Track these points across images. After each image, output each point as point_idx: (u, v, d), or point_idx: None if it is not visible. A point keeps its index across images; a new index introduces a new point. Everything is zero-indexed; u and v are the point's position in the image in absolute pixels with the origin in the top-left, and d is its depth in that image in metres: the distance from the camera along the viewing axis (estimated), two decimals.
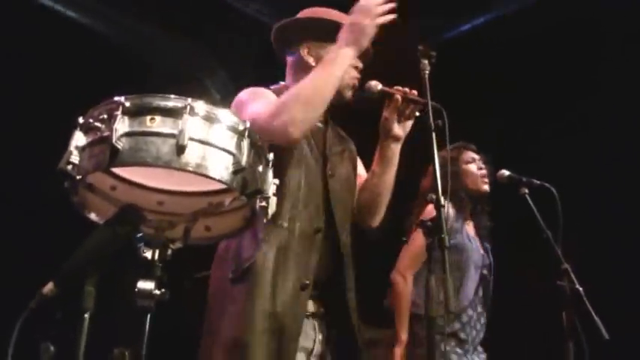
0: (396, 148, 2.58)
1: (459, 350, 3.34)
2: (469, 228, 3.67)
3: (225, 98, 6.25)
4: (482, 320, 3.50)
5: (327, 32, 2.56)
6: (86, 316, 1.54)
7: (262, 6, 5.54)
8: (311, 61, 2.58)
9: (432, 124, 2.16)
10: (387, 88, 2.51)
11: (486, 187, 3.63)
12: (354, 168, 2.67)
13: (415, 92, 2.46)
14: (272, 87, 2.59)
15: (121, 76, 5.25)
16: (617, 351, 2.93)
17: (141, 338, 1.58)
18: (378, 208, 2.63)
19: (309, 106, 2.25)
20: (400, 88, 2.49)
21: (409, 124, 2.56)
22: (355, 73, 2.58)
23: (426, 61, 2.29)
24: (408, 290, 3.45)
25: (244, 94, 2.49)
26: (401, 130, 2.56)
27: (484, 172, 3.64)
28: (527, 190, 3.30)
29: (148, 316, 1.60)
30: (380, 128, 2.58)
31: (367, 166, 2.72)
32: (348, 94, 2.58)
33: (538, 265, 3.18)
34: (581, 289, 2.90)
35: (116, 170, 1.76)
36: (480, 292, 3.55)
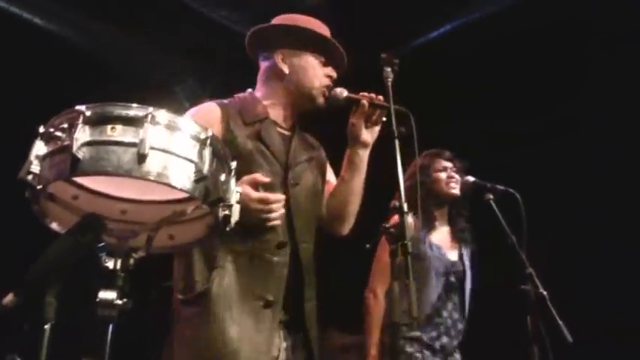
0: (364, 154, 2.58)
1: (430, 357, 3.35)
2: (438, 235, 3.69)
3: (193, 106, 6.24)
4: (459, 326, 3.52)
5: (303, 40, 2.59)
6: (47, 327, 1.53)
7: (231, 13, 5.54)
8: (285, 68, 2.59)
9: (396, 132, 2.18)
10: (352, 95, 2.53)
11: (455, 191, 3.66)
12: (322, 175, 2.67)
13: (381, 98, 2.47)
14: (226, 101, 2.57)
15: (88, 83, 5.22)
16: (580, 354, 2.96)
17: (103, 348, 1.57)
18: (347, 215, 2.63)
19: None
20: (366, 94, 2.50)
21: (377, 129, 2.57)
22: (327, 81, 2.59)
23: (389, 69, 2.31)
24: (378, 306, 3.47)
25: (191, 114, 2.48)
26: (368, 135, 2.57)
27: (455, 178, 3.67)
28: (491, 196, 3.34)
29: (110, 326, 1.58)
30: (348, 134, 2.59)
31: (338, 174, 2.73)
32: (320, 100, 2.59)
33: (503, 270, 3.21)
34: (545, 293, 2.93)
35: (78, 179, 1.75)
36: (455, 299, 3.57)
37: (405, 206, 2.06)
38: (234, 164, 1.76)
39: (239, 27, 5.56)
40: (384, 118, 2.49)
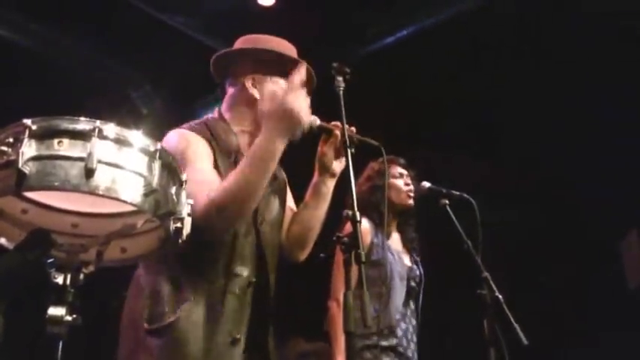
0: (331, 184, 2.52)
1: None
2: (392, 241, 3.71)
3: (151, 112, 6.21)
4: (416, 332, 3.55)
5: (273, 64, 2.52)
6: None
7: (187, 19, 5.52)
8: (256, 93, 2.49)
9: (348, 141, 2.18)
10: (325, 124, 2.45)
11: (411, 202, 3.69)
12: (283, 201, 2.60)
13: (353, 129, 2.40)
14: (197, 126, 2.46)
15: (41, 91, 5.16)
16: (535, 356, 3.00)
17: None
18: (308, 241, 2.57)
19: (246, 205, 2.19)
20: (338, 124, 2.40)
21: (344, 160, 2.44)
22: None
23: (341, 78, 2.31)
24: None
25: (174, 145, 2.32)
26: (338, 166, 2.50)
27: (410, 187, 3.70)
28: (447, 202, 3.37)
29: (60, 343, 1.57)
30: (317, 164, 2.51)
31: (297, 197, 2.68)
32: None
33: (459, 275, 3.25)
34: (500, 296, 2.97)
35: (27, 193, 1.73)
36: (412, 305, 3.59)
37: (358, 214, 2.06)
38: (184, 177, 1.75)
39: (195, 33, 5.55)
40: (353, 150, 2.34)
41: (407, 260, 3.69)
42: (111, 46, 5.74)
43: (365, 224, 3.55)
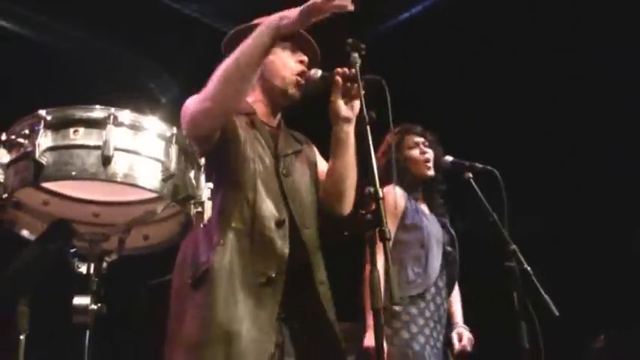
0: (348, 130, 2.52)
1: (421, 338, 3.30)
2: (424, 206, 3.66)
3: (171, 101, 6.21)
4: (445, 295, 3.48)
5: (280, 39, 2.55)
6: (22, 337, 1.50)
7: (201, 6, 5.49)
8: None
9: (367, 117, 2.15)
10: (326, 73, 2.48)
11: (430, 173, 3.62)
12: (312, 167, 2.63)
13: (353, 71, 2.38)
14: None
15: (61, 86, 5.18)
16: (568, 328, 2.97)
17: (81, 355, 1.55)
18: (345, 192, 2.56)
19: (236, 82, 2.25)
20: (340, 70, 2.45)
21: (357, 103, 2.49)
22: (299, 67, 2.56)
23: (356, 54, 2.28)
24: None
25: (189, 100, 2.40)
26: (349, 111, 2.51)
27: (427, 156, 3.61)
28: (471, 175, 3.31)
29: (87, 332, 1.56)
30: (329, 113, 2.56)
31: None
32: (293, 91, 2.55)
33: (487, 248, 3.20)
34: (529, 268, 2.93)
35: (47, 185, 1.72)
36: (445, 270, 3.55)
37: (380, 191, 2.02)
38: (202, 160, 1.74)
39: (210, 19, 5.53)
40: (362, 91, 2.44)
41: (438, 226, 3.63)
42: (126, 36, 5.73)
43: (398, 191, 3.50)
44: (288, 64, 2.57)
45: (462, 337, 3.54)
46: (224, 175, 1.74)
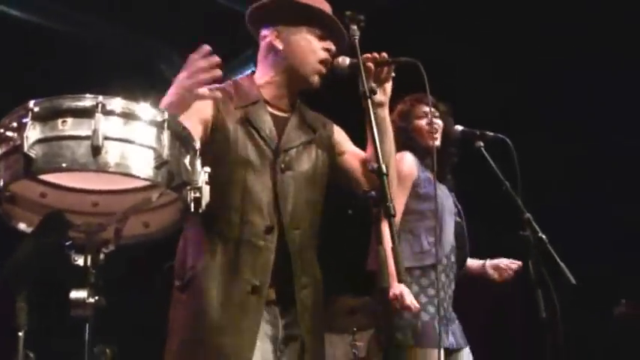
0: (383, 114, 2.49)
1: (430, 308, 3.27)
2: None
3: None
4: (455, 270, 3.45)
5: (299, 15, 2.52)
6: (20, 334, 1.49)
7: None
8: (279, 44, 2.53)
9: (367, 91, 2.11)
10: (354, 60, 2.40)
11: (434, 143, 3.57)
12: (327, 155, 2.59)
13: (385, 54, 2.40)
14: (221, 85, 2.47)
15: (73, 70, 5.17)
16: (585, 296, 2.93)
17: (82, 349, 1.53)
18: (392, 174, 2.51)
19: None
20: (369, 55, 2.39)
21: (388, 86, 2.48)
22: (324, 54, 2.51)
23: (355, 27, 2.24)
24: None
25: None
26: (382, 95, 2.47)
27: (433, 126, 3.56)
28: (482, 143, 3.27)
29: (87, 325, 1.54)
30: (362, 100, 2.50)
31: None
32: (314, 79, 2.51)
33: (500, 217, 3.16)
34: (544, 236, 2.89)
35: (43, 176, 1.70)
36: (459, 242, 3.51)
37: (384, 167, 1.99)
38: (197, 144, 1.70)
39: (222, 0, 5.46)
40: (393, 74, 2.43)
41: (449, 197, 3.59)
42: (137, 19, 5.69)
43: (409, 158, 3.47)
44: (315, 49, 2.52)
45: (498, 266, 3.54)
46: (212, 177, 1.71)
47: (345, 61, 2.45)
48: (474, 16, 4.90)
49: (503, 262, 3.55)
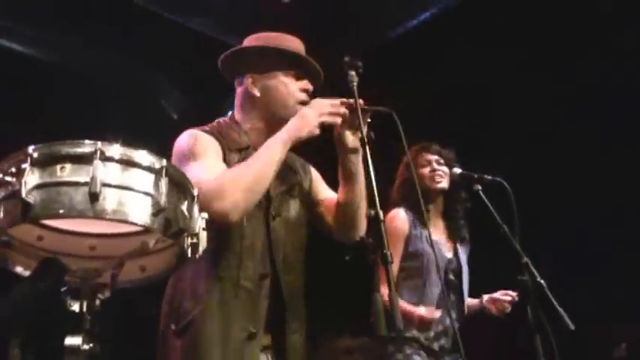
0: (356, 160, 2.49)
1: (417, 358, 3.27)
2: (435, 231, 3.64)
3: (182, 118, 6.20)
4: (456, 326, 3.46)
5: (272, 59, 2.53)
6: None
7: (205, 19, 5.48)
8: (256, 92, 2.52)
9: (365, 137, 2.12)
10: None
11: (440, 185, 3.61)
12: (305, 199, 2.62)
13: (361, 101, 2.37)
14: (207, 128, 2.50)
15: (72, 103, 5.19)
16: (583, 341, 2.91)
17: None
18: (357, 220, 2.54)
19: (250, 193, 2.23)
20: (345, 100, 2.40)
21: (362, 133, 2.46)
22: (302, 95, 2.51)
23: (354, 73, 2.25)
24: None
25: (184, 143, 2.42)
26: (357, 141, 2.47)
27: (437, 172, 3.61)
28: (480, 187, 3.28)
29: None
30: (336, 144, 2.51)
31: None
32: None
33: (499, 261, 3.16)
34: (542, 282, 2.88)
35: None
36: (453, 298, 3.52)
37: (381, 213, 1.99)
38: (196, 191, 1.71)
39: (215, 33, 5.51)
40: (369, 120, 2.41)
41: (447, 251, 3.61)
42: (136, 54, 5.74)
43: (402, 214, 3.53)
44: (292, 92, 2.51)
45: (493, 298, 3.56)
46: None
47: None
48: None
49: (498, 294, 3.57)
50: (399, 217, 3.54)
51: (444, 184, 3.60)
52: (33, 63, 5.36)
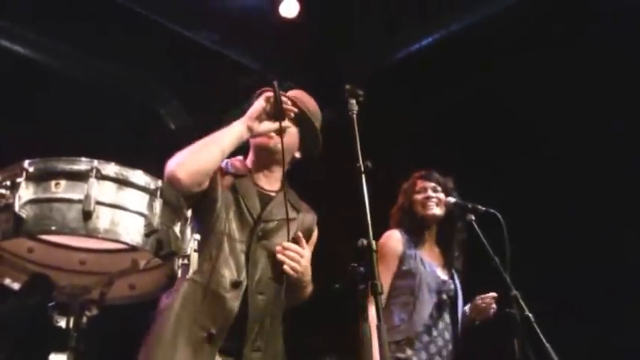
0: None
1: None
2: (429, 254, 3.64)
3: (180, 128, 6.20)
4: (450, 347, 3.45)
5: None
6: None
7: (210, 32, 5.49)
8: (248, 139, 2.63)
9: (362, 167, 2.12)
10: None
11: (432, 212, 3.61)
12: (304, 235, 2.65)
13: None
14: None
15: (70, 112, 5.18)
16: None
17: None
18: (299, 285, 2.63)
19: (193, 155, 2.41)
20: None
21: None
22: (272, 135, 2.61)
23: (354, 101, 2.25)
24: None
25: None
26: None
27: (431, 199, 3.61)
28: (473, 217, 3.29)
29: None
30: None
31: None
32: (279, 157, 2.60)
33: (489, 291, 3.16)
34: (531, 315, 2.88)
35: None
36: (447, 318, 3.51)
37: (373, 243, 1.99)
38: (189, 213, 1.70)
39: (219, 46, 5.53)
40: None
41: (441, 273, 3.60)
42: (136, 63, 5.75)
43: (397, 234, 3.54)
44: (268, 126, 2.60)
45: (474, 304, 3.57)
46: (198, 229, 1.75)
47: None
48: None
49: (477, 299, 3.58)
50: (394, 237, 3.56)
51: (435, 210, 3.60)
52: (32, 67, 5.36)
